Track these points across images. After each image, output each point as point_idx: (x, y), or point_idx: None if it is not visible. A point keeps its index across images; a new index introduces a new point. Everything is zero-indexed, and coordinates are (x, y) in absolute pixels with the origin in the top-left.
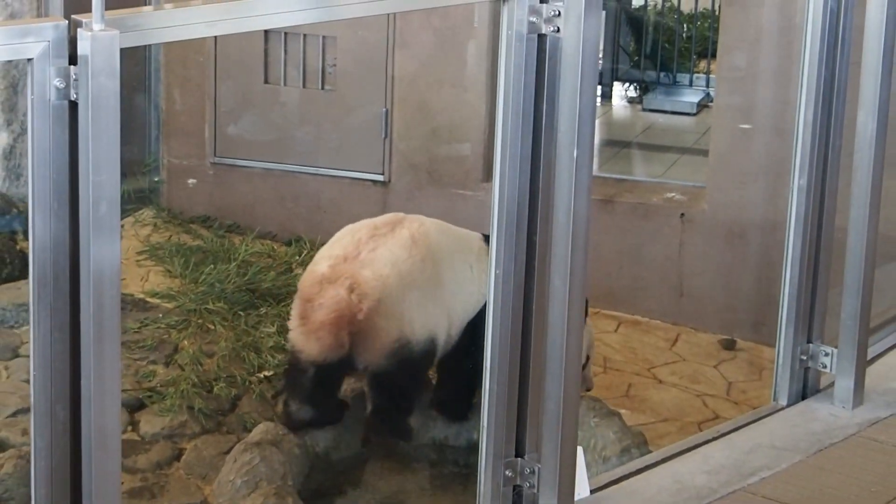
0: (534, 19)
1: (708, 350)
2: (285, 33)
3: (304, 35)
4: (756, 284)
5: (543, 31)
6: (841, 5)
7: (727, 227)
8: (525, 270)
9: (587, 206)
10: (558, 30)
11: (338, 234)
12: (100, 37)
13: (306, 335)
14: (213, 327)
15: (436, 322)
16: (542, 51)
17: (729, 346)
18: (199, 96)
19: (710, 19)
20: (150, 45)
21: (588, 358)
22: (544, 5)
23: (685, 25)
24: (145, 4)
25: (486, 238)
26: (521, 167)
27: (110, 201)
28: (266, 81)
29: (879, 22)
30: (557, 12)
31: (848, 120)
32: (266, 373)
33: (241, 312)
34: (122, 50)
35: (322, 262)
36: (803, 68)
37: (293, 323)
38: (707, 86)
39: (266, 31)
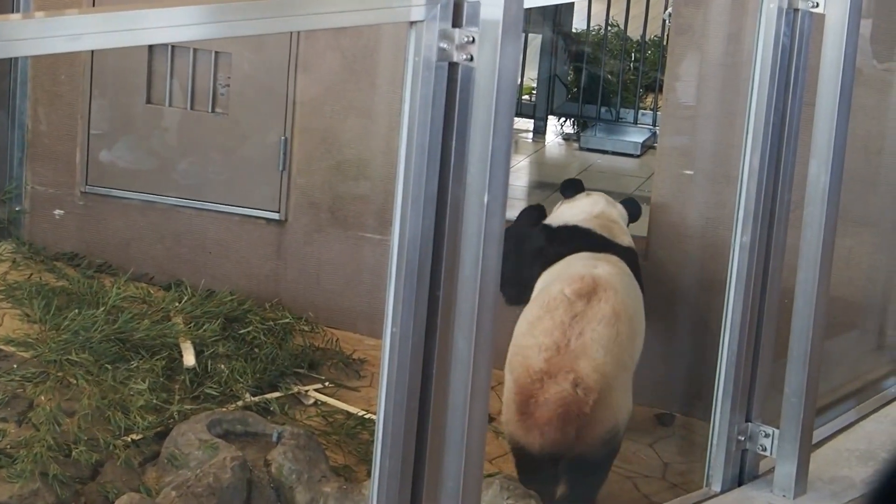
0: (444, 45)
1: (643, 425)
2: (172, 47)
3: (194, 50)
4: (700, 352)
5: (455, 60)
6: (794, 42)
7: (668, 286)
8: (426, 329)
9: (497, 259)
10: (472, 58)
11: (533, 314)
12: None
13: (528, 429)
14: (75, 382)
15: (631, 397)
16: (453, 81)
17: (667, 421)
18: (70, 115)
19: (660, 48)
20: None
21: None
22: (457, 30)
23: (632, 54)
24: (13, 10)
25: None
26: (424, 212)
27: None
28: (148, 101)
29: (836, 61)
30: (471, 38)
31: (799, 170)
32: (134, 436)
33: (109, 366)
34: None
35: (532, 353)
36: (750, 111)
37: (510, 416)
38: (654, 124)
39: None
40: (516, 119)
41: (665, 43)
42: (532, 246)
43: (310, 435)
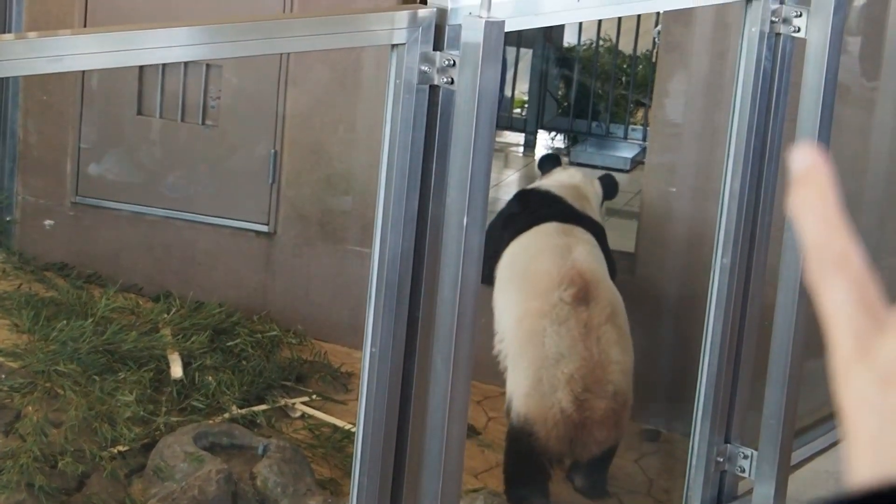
0: (426, 68)
1: (628, 441)
2: None
3: (185, 62)
4: (685, 368)
5: (436, 82)
6: (776, 66)
7: (655, 301)
8: (405, 349)
9: (476, 280)
10: (452, 81)
11: (537, 323)
12: None
13: (585, 444)
14: (62, 392)
15: None
16: (434, 103)
17: (652, 437)
18: (61, 126)
19: (651, 63)
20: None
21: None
22: (438, 53)
23: (625, 68)
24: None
25: None
26: (404, 232)
27: None
28: (139, 113)
29: (817, 86)
30: (452, 62)
31: (780, 192)
32: (121, 448)
33: (96, 377)
34: None
35: (568, 371)
36: (731, 134)
37: (548, 433)
38: (644, 139)
39: None
40: (507, 133)
41: (654, 60)
42: (504, 212)
43: (295, 448)
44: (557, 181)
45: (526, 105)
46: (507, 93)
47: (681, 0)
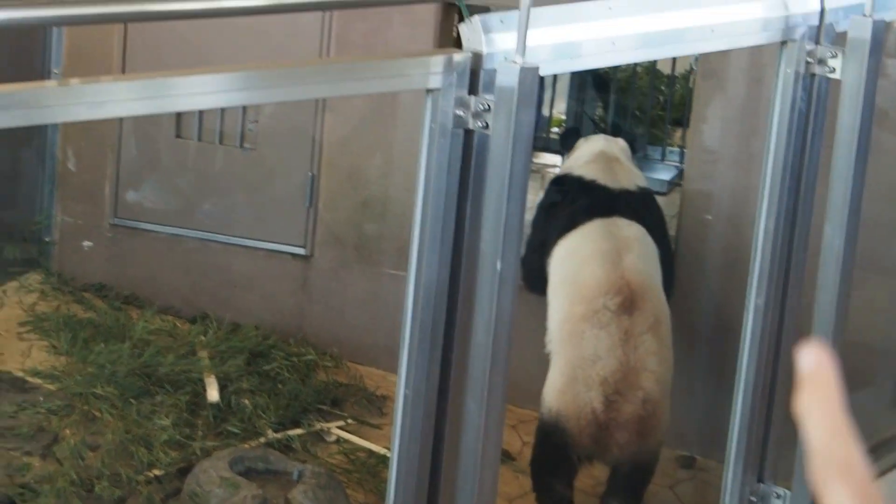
0: (461, 112)
1: (662, 468)
2: None
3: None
4: (720, 394)
5: (471, 126)
6: (810, 107)
7: (692, 328)
8: (438, 390)
9: (509, 324)
10: (487, 125)
11: (579, 326)
12: None
13: (607, 446)
14: (99, 415)
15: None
16: (469, 147)
17: (687, 464)
18: (100, 148)
19: (688, 87)
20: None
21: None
22: (472, 98)
23: (662, 89)
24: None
25: None
26: (438, 275)
27: None
28: (178, 136)
29: (852, 127)
30: (487, 106)
31: (814, 233)
32: (157, 472)
33: (133, 400)
34: None
35: (602, 374)
36: (765, 175)
37: (578, 431)
38: (682, 161)
39: None
40: (545, 154)
41: (691, 85)
42: (544, 205)
43: (330, 474)
44: (585, 159)
45: (563, 125)
46: (545, 112)
47: (714, 43)
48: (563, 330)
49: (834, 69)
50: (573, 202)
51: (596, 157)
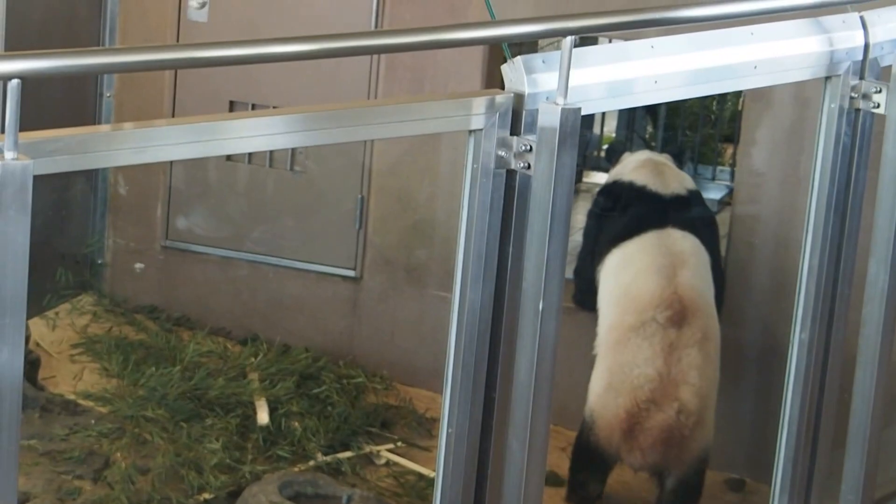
0: (503, 153)
1: (711, 490)
2: (252, 104)
3: (273, 108)
4: (770, 417)
5: (513, 167)
6: (855, 142)
7: (741, 349)
8: (481, 431)
9: (552, 364)
10: (529, 166)
11: (626, 337)
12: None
13: (631, 450)
14: (150, 438)
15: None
16: (511, 188)
17: (737, 487)
18: (151, 170)
19: (737, 106)
20: (99, 102)
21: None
22: (515, 138)
23: (714, 105)
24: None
25: None
26: (480, 316)
27: None
28: (228, 158)
29: None
30: (529, 147)
31: (860, 268)
32: (207, 496)
33: (184, 423)
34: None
35: (639, 382)
36: (810, 210)
37: (609, 430)
38: (732, 180)
39: (231, 101)
40: (594, 173)
41: (740, 109)
42: (595, 213)
43: (379, 498)
44: (633, 165)
45: (612, 141)
46: (596, 131)
47: (757, 80)
48: (611, 337)
49: (878, 104)
50: (625, 210)
51: (643, 162)
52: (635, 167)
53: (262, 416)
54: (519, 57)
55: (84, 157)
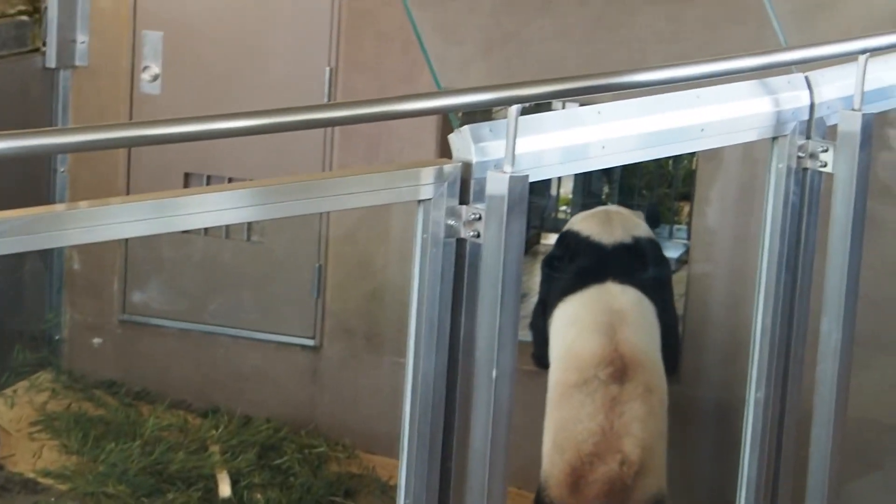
0: (452, 222)
1: None
2: (207, 175)
3: (229, 179)
4: (728, 477)
5: (462, 235)
6: (804, 200)
7: (699, 409)
8: (438, 500)
9: (506, 431)
10: (479, 235)
11: (572, 395)
12: None
13: (575, 501)
14: None
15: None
16: (462, 256)
17: None
18: (107, 244)
19: (692, 166)
20: (52, 178)
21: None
22: (464, 207)
23: (670, 164)
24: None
25: None
26: (434, 385)
27: None
28: (184, 231)
29: (845, 219)
30: (478, 216)
31: (812, 327)
32: None
33: (145, 499)
34: None
35: (581, 437)
36: (761, 269)
37: (558, 488)
38: (689, 238)
39: (186, 173)
40: (553, 235)
41: (694, 168)
42: (548, 260)
43: None
44: (585, 214)
45: (570, 205)
46: (553, 192)
47: (705, 142)
48: (556, 393)
49: (825, 163)
50: (572, 261)
51: (596, 212)
52: (585, 216)
53: (224, 489)
54: (466, 126)
55: (42, 238)
